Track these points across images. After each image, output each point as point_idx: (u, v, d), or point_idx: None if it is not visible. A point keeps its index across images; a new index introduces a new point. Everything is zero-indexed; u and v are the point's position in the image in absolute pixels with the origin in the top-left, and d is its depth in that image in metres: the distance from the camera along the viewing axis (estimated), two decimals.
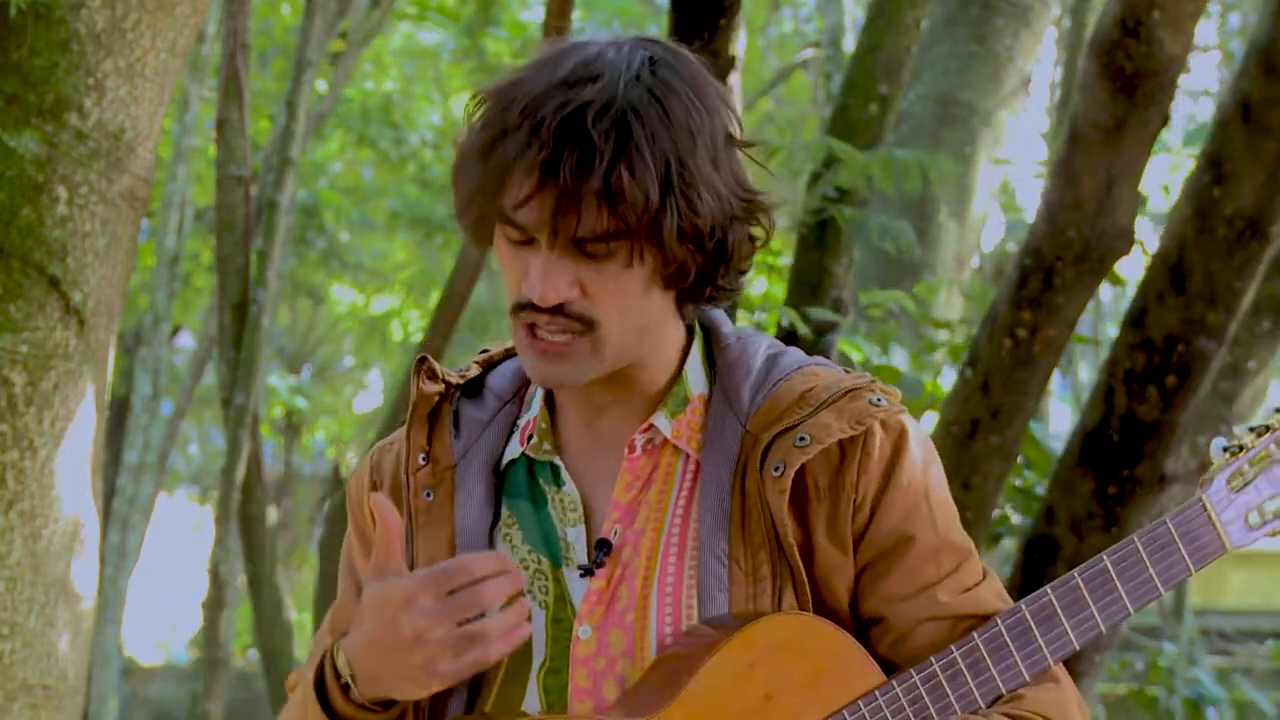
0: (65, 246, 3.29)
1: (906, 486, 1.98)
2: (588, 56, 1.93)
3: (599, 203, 1.86)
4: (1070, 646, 1.96)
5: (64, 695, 3.33)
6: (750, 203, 1.96)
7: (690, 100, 1.93)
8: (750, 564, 1.95)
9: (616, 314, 1.92)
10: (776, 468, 1.95)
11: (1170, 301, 4.52)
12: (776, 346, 2.08)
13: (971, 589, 1.99)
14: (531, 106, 1.89)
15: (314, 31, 8.33)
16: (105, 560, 9.28)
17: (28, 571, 3.26)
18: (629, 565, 1.98)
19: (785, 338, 5.81)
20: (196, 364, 12.51)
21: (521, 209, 1.89)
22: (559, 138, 1.86)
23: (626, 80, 1.91)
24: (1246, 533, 1.99)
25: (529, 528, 2.03)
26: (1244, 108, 4.42)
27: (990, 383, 4.57)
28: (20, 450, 3.25)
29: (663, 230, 1.88)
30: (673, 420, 2.01)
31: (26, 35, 3.29)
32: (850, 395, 1.98)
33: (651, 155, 1.87)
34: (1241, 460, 1.99)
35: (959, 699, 1.93)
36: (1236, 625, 11.96)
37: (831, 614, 1.96)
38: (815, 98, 12.18)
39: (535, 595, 2.00)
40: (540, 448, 2.03)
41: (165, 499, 15.88)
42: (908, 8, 6.33)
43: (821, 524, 1.97)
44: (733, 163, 1.96)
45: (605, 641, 1.98)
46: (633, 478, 2.01)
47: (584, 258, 1.90)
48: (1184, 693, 6.82)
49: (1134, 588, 1.96)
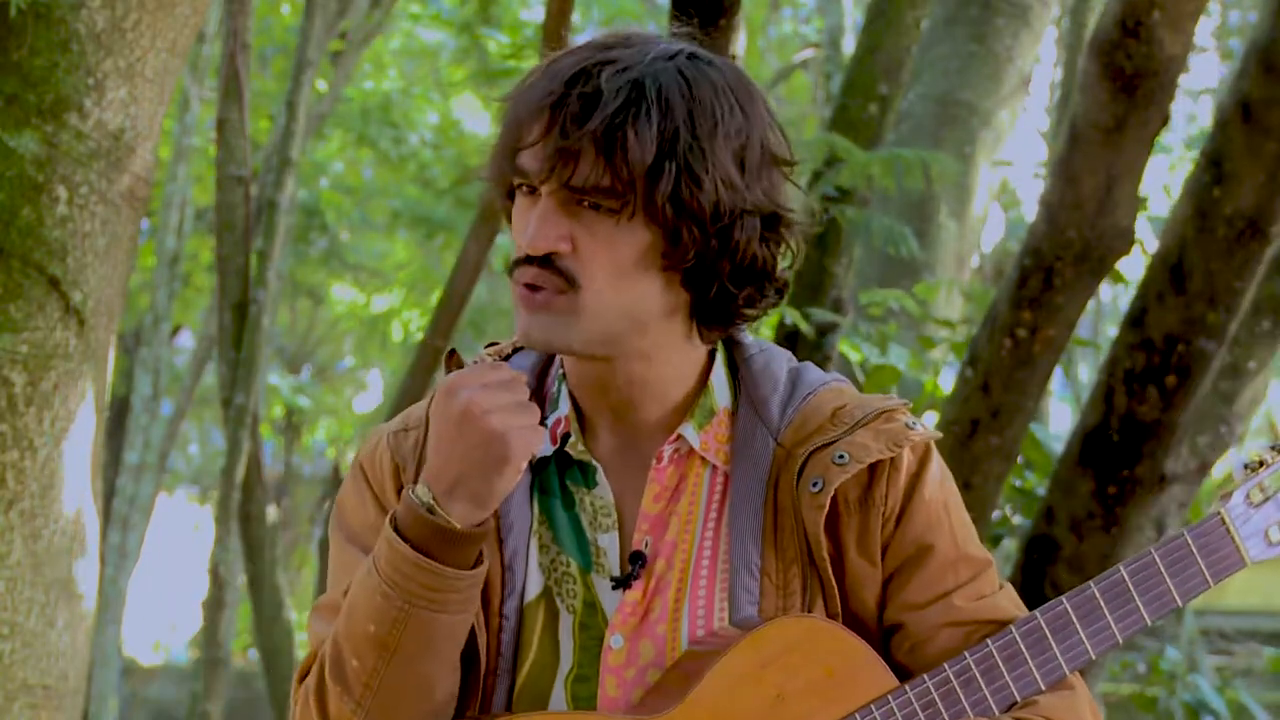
0: (65, 246, 3.30)
1: (929, 500, 2.00)
2: (632, 34, 1.95)
3: (596, 151, 1.86)
4: (1086, 656, 1.97)
5: (64, 695, 3.33)
6: (773, 213, 1.94)
7: (724, 95, 1.92)
8: (782, 578, 1.96)
9: (603, 279, 1.90)
10: (815, 483, 1.95)
11: (1170, 301, 4.52)
12: (794, 360, 2.09)
13: (988, 596, 2.00)
14: (560, 61, 1.92)
15: (314, 31, 8.33)
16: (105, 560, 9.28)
17: (28, 571, 3.26)
18: (662, 578, 1.98)
19: (787, 337, 5.81)
20: (196, 364, 12.51)
21: (526, 152, 1.90)
22: (570, 84, 1.88)
23: (658, 54, 1.93)
24: (1266, 548, 2.01)
25: (560, 528, 2.02)
26: (1244, 108, 4.42)
27: (990, 383, 4.57)
28: (20, 450, 3.25)
29: (656, 195, 1.87)
30: (700, 432, 2.00)
31: (26, 35, 3.29)
32: (885, 417, 2.00)
33: (660, 119, 1.87)
34: (1262, 475, 2.01)
35: (972, 705, 1.94)
36: (1237, 625, 11.96)
37: (859, 627, 1.98)
38: (815, 98, 12.18)
39: (563, 598, 2.00)
40: (577, 447, 2.02)
41: (165, 499, 15.88)
42: (908, 8, 6.33)
43: (853, 538, 1.98)
44: (765, 174, 1.94)
45: (636, 651, 1.98)
46: (661, 488, 2.00)
47: (579, 209, 1.90)
48: (1183, 696, 6.82)
49: (1151, 599, 1.98)
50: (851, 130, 6.07)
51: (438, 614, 1.88)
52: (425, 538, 1.87)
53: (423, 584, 1.87)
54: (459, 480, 1.86)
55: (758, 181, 1.92)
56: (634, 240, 1.90)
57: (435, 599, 1.87)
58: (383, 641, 1.89)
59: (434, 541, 1.87)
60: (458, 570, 1.87)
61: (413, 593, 1.87)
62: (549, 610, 2.00)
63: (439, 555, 1.87)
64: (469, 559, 1.89)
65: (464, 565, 1.88)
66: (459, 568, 1.88)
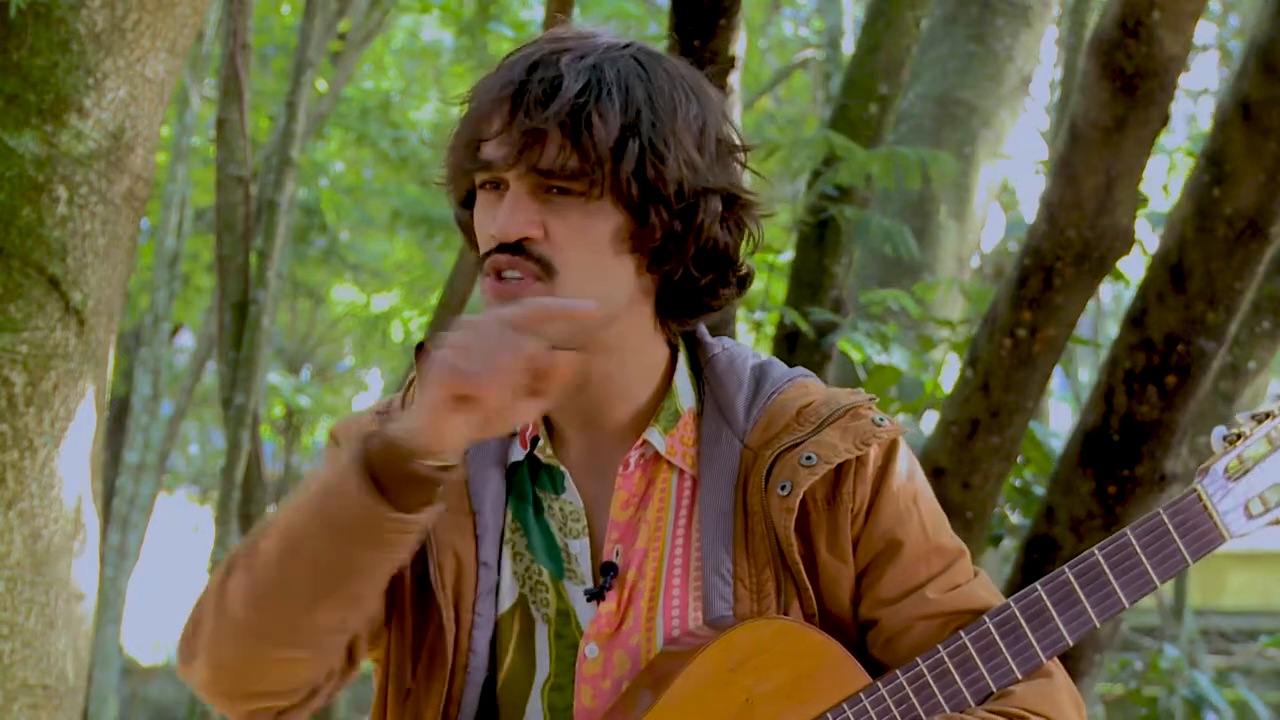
0: (65, 246, 3.29)
1: (896, 492, 1.98)
2: (581, 30, 1.97)
3: (562, 134, 1.87)
4: (1063, 642, 1.94)
5: (64, 695, 3.33)
6: (733, 195, 1.94)
7: (680, 84, 1.94)
8: (755, 581, 1.95)
9: (578, 265, 1.90)
10: (783, 486, 1.94)
11: (1170, 301, 4.52)
12: (759, 355, 2.07)
13: (961, 585, 1.98)
14: (515, 55, 1.94)
15: (314, 31, 8.32)
16: (105, 560, 9.28)
17: (28, 571, 3.25)
18: (634, 587, 1.97)
19: (787, 338, 5.81)
20: (196, 364, 12.51)
21: (490, 143, 1.90)
22: (530, 71, 1.90)
23: (612, 44, 1.94)
24: (1246, 521, 1.97)
25: (534, 536, 2.00)
26: (1244, 108, 4.41)
27: (990, 383, 4.56)
28: (20, 450, 3.25)
29: (621, 173, 1.87)
30: (666, 436, 1.99)
31: (26, 35, 3.29)
32: (851, 414, 1.98)
33: (623, 100, 1.88)
34: (1240, 448, 1.97)
35: (948, 698, 1.92)
36: (1236, 625, 11.96)
37: (836, 625, 1.96)
38: (815, 98, 12.18)
39: (538, 607, 1.99)
40: (545, 450, 2.01)
41: (165, 499, 15.88)
42: (908, 8, 6.33)
43: (823, 537, 1.97)
44: (723, 159, 1.95)
45: (611, 662, 1.96)
46: (629, 495, 1.99)
47: (548, 197, 1.90)
48: (1184, 692, 6.82)
49: (1128, 580, 1.95)
50: (851, 130, 6.07)
51: (348, 546, 1.82)
52: (385, 466, 1.80)
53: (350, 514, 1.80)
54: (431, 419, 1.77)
55: (717, 164, 1.94)
56: (605, 223, 1.90)
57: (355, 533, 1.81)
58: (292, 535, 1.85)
59: (387, 469, 1.79)
60: (387, 507, 1.79)
61: (334, 517, 1.81)
62: (524, 618, 1.99)
63: (387, 489, 1.79)
64: (403, 499, 1.80)
65: (406, 508, 1.80)
66: (401, 508, 1.80)
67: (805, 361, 5.75)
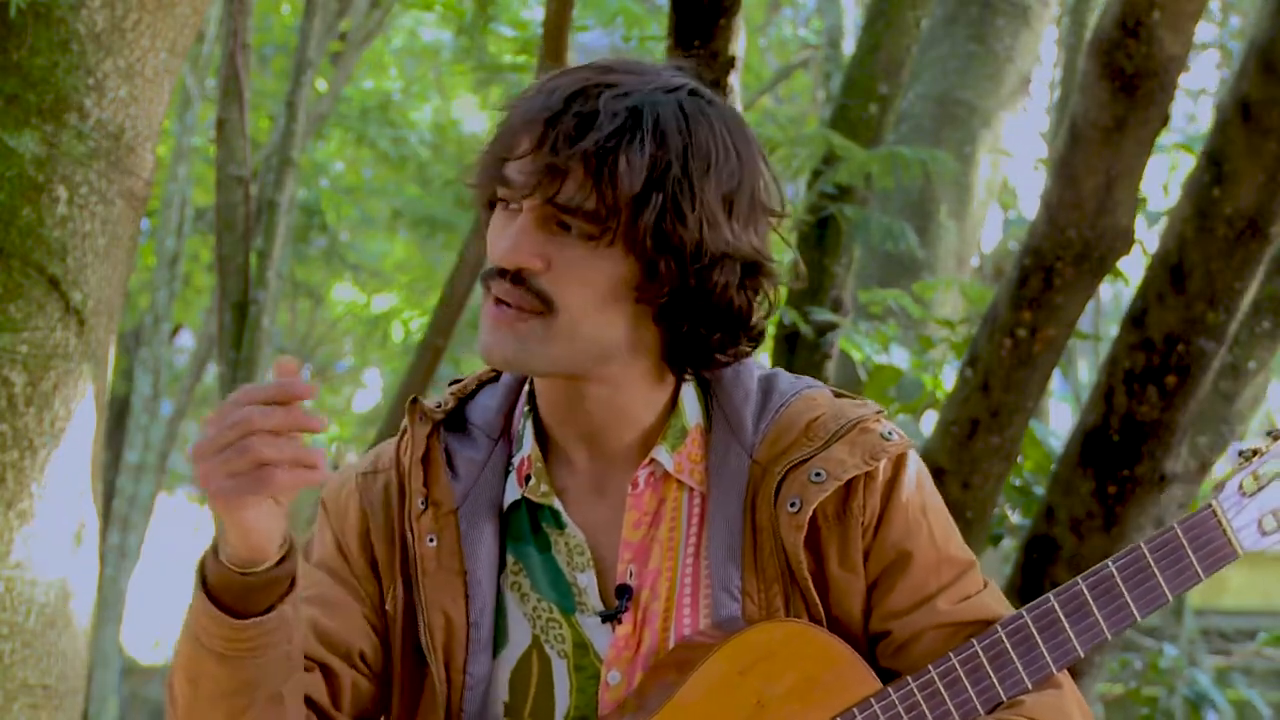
0: (65, 246, 3.29)
1: (905, 503, 1.97)
2: (637, 62, 1.92)
3: (585, 172, 1.83)
4: (1074, 653, 1.95)
5: (64, 695, 3.32)
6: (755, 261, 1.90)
7: (722, 139, 1.89)
8: (764, 598, 1.94)
9: (577, 304, 1.87)
10: (793, 503, 1.93)
11: (1170, 301, 4.52)
12: (763, 367, 2.05)
13: (972, 596, 1.98)
14: (561, 79, 1.90)
15: (314, 31, 8.32)
16: (105, 560, 9.28)
17: (28, 571, 3.25)
18: (649, 608, 1.96)
19: (787, 338, 5.81)
20: (196, 364, 12.51)
21: (514, 164, 1.87)
22: (568, 102, 1.86)
23: (660, 85, 1.89)
24: (1260, 538, 1.98)
25: (537, 575, 1.98)
26: (1244, 108, 4.41)
27: (990, 383, 4.56)
28: (20, 450, 3.25)
29: (640, 224, 1.84)
30: (673, 454, 1.97)
31: (26, 35, 3.29)
32: (860, 428, 1.97)
33: (654, 148, 1.84)
34: (1256, 464, 1.98)
35: (958, 706, 1.92)
36: (1236, 625, 11.96)
37: (847, 637, 1.95)
38: (815, 98, 12.18)
39: (553, 644, 1.97)
40: (538, 490, 1.98)
41: (165, 499, 15.87)
42: (908, 8, 6.33)
43: (834, 551, 1.96)
44: (753, 222, 1.91)
45: (634, 686, 1.95)
46: (640, 514, 1.97)
47: (557, 230, 1.87)
48: (1184, 691, 6.82)
49: (1141, 594, 1.95)
50: (851, 130, 6.07)
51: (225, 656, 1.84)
52: (220, 584, 1.83)
53: (211, 630, 1.84)
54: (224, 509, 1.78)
55: (744, 228, 1.89)
56: (610, 268, 1.87)
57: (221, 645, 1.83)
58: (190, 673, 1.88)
59: (223, 587, 1.82)
60: (234, 619, 1.82)
61: (199, 635, 1.84)
62: (541, 659, 1.97)
63: (227, 601, 1.82)
64: (253, 605, 1.82)
65: (247, 611, 1.82)
66: (241, 614, 1.82)
67: (805, 361, 5.76)
